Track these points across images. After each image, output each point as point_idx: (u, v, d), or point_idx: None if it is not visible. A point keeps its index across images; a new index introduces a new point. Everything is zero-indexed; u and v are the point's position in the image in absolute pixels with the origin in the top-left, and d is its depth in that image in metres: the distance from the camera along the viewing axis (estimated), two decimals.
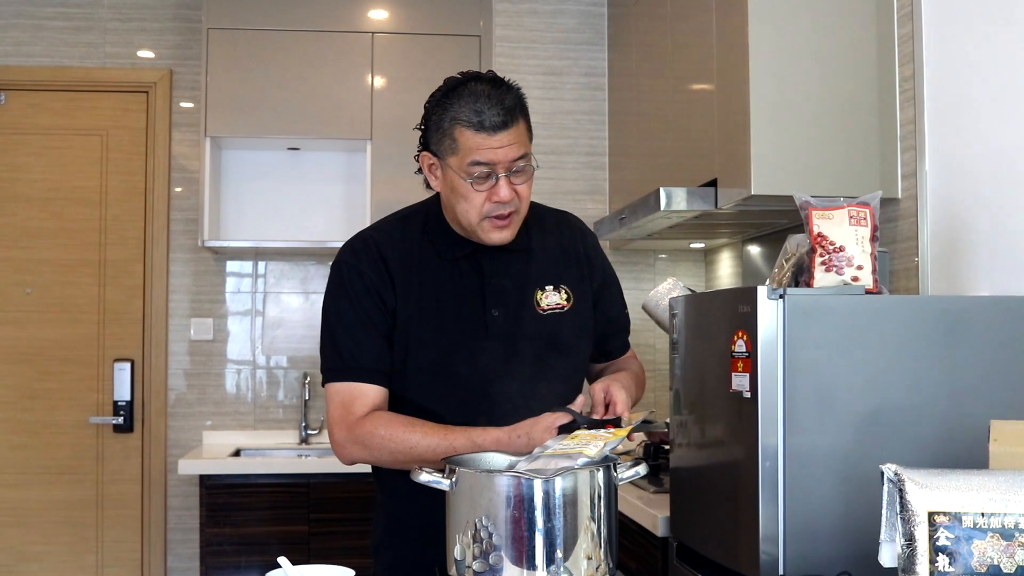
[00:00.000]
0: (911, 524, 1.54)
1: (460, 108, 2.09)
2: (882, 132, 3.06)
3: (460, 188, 2.12)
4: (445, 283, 2.22)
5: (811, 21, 3.08)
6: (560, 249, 2.32)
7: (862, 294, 2.27)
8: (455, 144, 2.11)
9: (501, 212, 2.12)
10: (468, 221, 2.15)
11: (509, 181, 2.11)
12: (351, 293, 2.21)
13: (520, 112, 2.14)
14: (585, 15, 5.02)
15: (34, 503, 4.88)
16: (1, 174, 4.94)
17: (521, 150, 2.11)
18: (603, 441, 1.81)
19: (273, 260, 5.07)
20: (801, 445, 2.20)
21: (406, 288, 2.20)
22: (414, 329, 2.18)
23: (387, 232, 2.29)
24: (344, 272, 2.23)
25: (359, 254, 2.25)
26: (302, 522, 4.33)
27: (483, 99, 2.08)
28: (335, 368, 2.21)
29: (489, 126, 2.06)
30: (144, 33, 5.01)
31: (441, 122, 2.13)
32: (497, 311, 2.19)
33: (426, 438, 2.07)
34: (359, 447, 2.15)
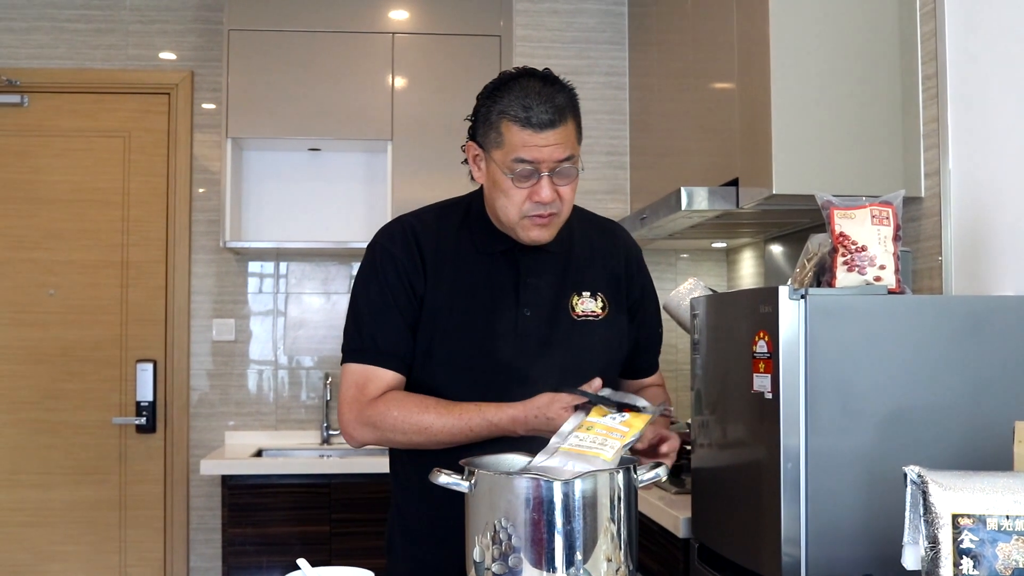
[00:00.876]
0: (935, 526, 1.53)
1: (509, 102, 2.06)
2: (905, 130, 3.04)
3: (502, 183, 2.09)
4: (479, 276, 2.19)
5: (833, 19, 3.06)
6: (601, 257, 2.29)
7: (885, 294, 2.26)
8: (500, 138, 2.07)
9: (541, 212, 2.09)
10: (507, 217, 2.12)
11: (551, 181, 2.07)
12: (381, 276, 2.19)
13: (570, 113, 2.09)
14: (605, 14, 5.01)
15: (57, 503, 4.90)
16: (24, 176, 4.97)
17: (567, 152, 2.06)
18: (619, 439, 1.80)
19: (294, 261, 5.08)
20: (823, 446, 2.19)
21: (438, 277, 2.18)
22: (442, 318, 2.16)
23: (426, 219, 2.27)
24: (377, 254, 2.22)
25: (394, 237, 2.23)
26: (323, 522, 4.34)
27: (533, 95, 2.05)
28: (354, 348, 2.20)
29: (536, 123, 2.03)
30: (166, 35, 5.03)
31: (489, 114, 2.10)
32: (529, 311, 2.17)
33: (440, 419, 2.06)
34: (369, 428, 2.14)
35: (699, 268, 5.01)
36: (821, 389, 2.19)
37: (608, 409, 1.88)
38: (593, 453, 1.77)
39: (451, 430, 2.05)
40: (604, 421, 1.85)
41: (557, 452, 1.80)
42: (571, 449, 1.80)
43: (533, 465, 1.79)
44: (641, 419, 1.86)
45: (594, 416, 1.87)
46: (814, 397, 2.19)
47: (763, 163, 3.07)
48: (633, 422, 1.85)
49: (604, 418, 1.86)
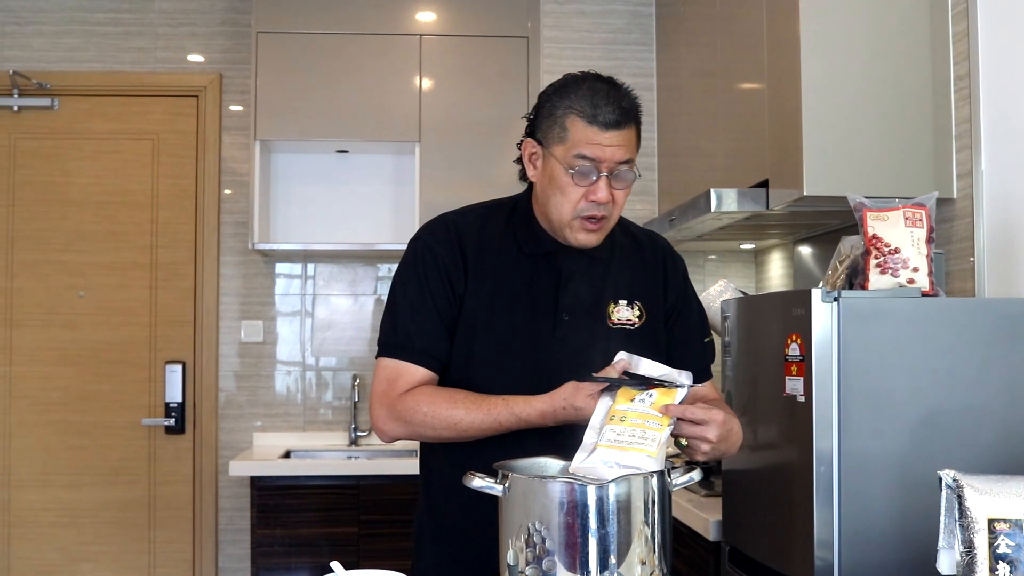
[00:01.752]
0: (970, 531, 1.52)
1: (577, 99, 2.07)
2: (937, 131, 3.02)
3: (559, 180, 2.09)
4: (521, 279, 2.18)
5: (863, 18, 3.04)
6: (641, 266, 2.27)
7: (918, 296, 2.25)
8: (564, 133, 2.07)
9: (594, 213, 2.08)
10: (559, 216, 2.11)
11: (609, 183, 2.07)
12: (420, 271, 2.19)
13: (634, 118, 2.10)
14: (633, 15, 5.00)
15: (87, 504, 4.93)
16: (54, 179, 5.00)
17: (627, 155, 2.07)
18: (658, 428, 1.77)
19: (322, 262, 5.10)
20: (856, 449, 2.18)
21: (479, 276, 2.17)
22: (482, 319, 2.16)
23: (469, 218, 2.26)
24: (418, 249, 2.22)
25: (436, 234, 2.23)
26: (352, 523, 4.34)
27: (601, 95, 2.06)
28: (388, 343, 2.19)
29: (603, 122, 2.04)
30: (194, 38, 5.06)
31: (555, 110, 2.10)
32: (568, 316, 2.15)
33: (469, 414, 2.05)
34: (400, 423, 2.13)
35: (727, 269, 5.00)
36: (854, 392, 2.18)
37: (634, 390, 1.84)
38: (636, 449, 1.74)
39: (480, 425, 2.04)
40: (635, 408, 1.81)
41: (596, 449, 1.78)
42: (610, 446, 1.77)
43: (574, 467, 1.77)
44: (670, 395, 1.82)
45: (622, 402, 1.83)
46: (847, 400, 2.18)
47: (793, 164, 3.06)
48: (660, 400, 1.81)
49: (633, 403, 1.81)
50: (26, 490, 4.92)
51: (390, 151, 5.02)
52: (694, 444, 1.86)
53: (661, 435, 1.77)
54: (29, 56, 4.99)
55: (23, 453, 4.93)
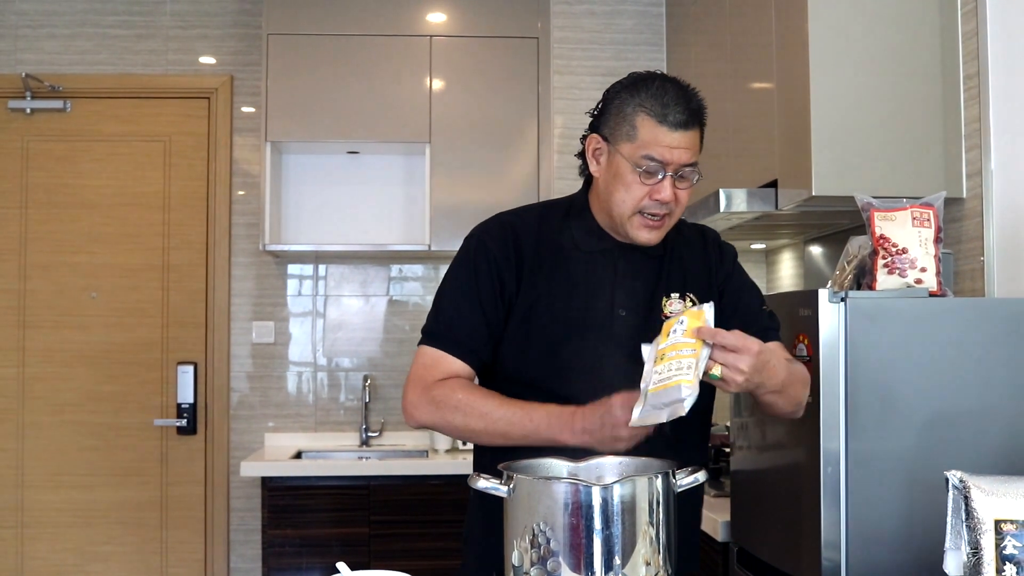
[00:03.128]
0: (977, 532, 1.51)
1: (648, 98, 2.09)
2: (946, 131, 3.01)
3: (625, 176, 2.10)
4: (577, 275, 2.18)
5: (873, 18, 3.04)
6: (691, 260, 2.26)
7: (926, 296, 2.24)
8: (634, 131, 2.09)
9: (656, 211, 2.10)
10: (621, 212, 2.12)
11: (673, 183, 2.09)
12: (471, 266, 2.20)
13: (699, 120, 2.13)
14: (643, 15, 4.99)
15: (100, 504, 4.95)
16: (67, 181, 5.02)
17: (693, 157, 2.10)
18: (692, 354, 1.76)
19: (333, 263, 5.11)
20: (864, 450, 2.18)
21: (535, 274, 2.18)
22: (537, 315, 2.16)
23: (526, 217, 2.28)
24: (472, 245, 2.23)
25: (491, 232, 2.24)
26: (363, 524, 4.35)
27: (671, 95, 2.09)
28: (431, 332, 2.20)
29: (672, 122, 2.06)
30: (205, 40, 5.07)
31: (624, 107, 2.11)
32: (624, 311, 2.15)
33: (502, 407, 2.06)
34: (431, 407, 2.13)
35: None
36: (861, 392, 2.18)
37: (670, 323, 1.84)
38: (674, 382, 1.75)
39: (510, 418, 2.05)
40: (670, 341, 1.81)
41: (647, 396, 1.79)
42: (656, 388, 1.78)
43: (634, 421, 1.82)
44: (698, 317, 1.81)
45: (662, 341, 1.84)
46: (854, 400, 2.17)
47: (802, 164, 3.06)
48: (691, 323, 1.80)
49: (669, 337, 1.82)
50: (39, 490, 4.94)
51: (401, 152, 5.02)
52: (727, 375, 1.81)
53: (695, 360, 1.77)
54: (41, 59, 5.01)
55: (36, 454, 4.95)
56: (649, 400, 1.79)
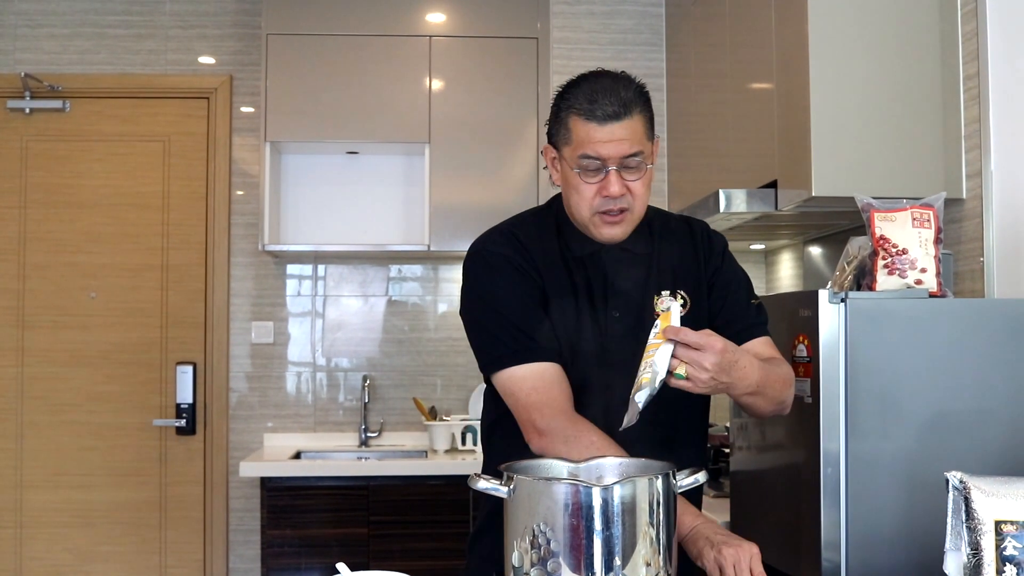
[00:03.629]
0: (977, 533, 1.51)
1: (575, 97, 2.07)
2: (946, 131, 3.01)
3: (572, 180, 2.09)
4: (572, 280, 2.18)
5: (872, 19, 3.04)
6: (680, 254, 2.25)
7: (926, 297, 2.24)
8: (568, 134, 2.08)
9: (610, 207, 2.07)
10: (580, 215, 2.12)
11: (620, 176, 2.05)
12: (504, 276, 2.15)
13: (638, 107, 2.07)
14: (642, 16, 4.99)
15: (99, 504, 4.95)
16: (66, 180, 5.02)
17: (634, 147, 2.05)
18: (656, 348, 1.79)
19: (332, 263, 5.10)
20: (864, 451, 2.17)
21: (545, 282, 2.16)
22: (559, 325, 2.14)
23: (523, 227, 2.25)
24: (490, 259, 2.18)
25: (500, 243, 2.20)
26: (362, 524, 4.35)
27: (599, 90, 2.05)
28: (508, 353, 2.10)
29: (601, 116, 2.02)
30: (205, 40, 5.07)
31: (559, 112, 2.11)
32: (618, 312, 2.14)
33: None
34: (562, 443, 2.00)
35: None
36: (861, 393, 2.18)
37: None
38: (647, 379, 1.78)
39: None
40: (650, 342, 1.82)
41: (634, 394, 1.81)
42: (638, 384, 1.80)
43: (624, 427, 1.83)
44: (666, 318, 1.81)
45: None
46: (854, 401, 2.17)
47: (802, 165, 3.06)
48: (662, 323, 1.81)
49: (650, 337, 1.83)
50: (38, 490, 4.94)
51: (400, 152, 5.02)
52: (692, 373, 1.80)
53: (658, 356, 1.78)
54: (40, 59, 5.01)
55: (35, 454, 4.95)
56: (636, 397, 1.80)
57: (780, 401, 2.07)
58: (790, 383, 2.10)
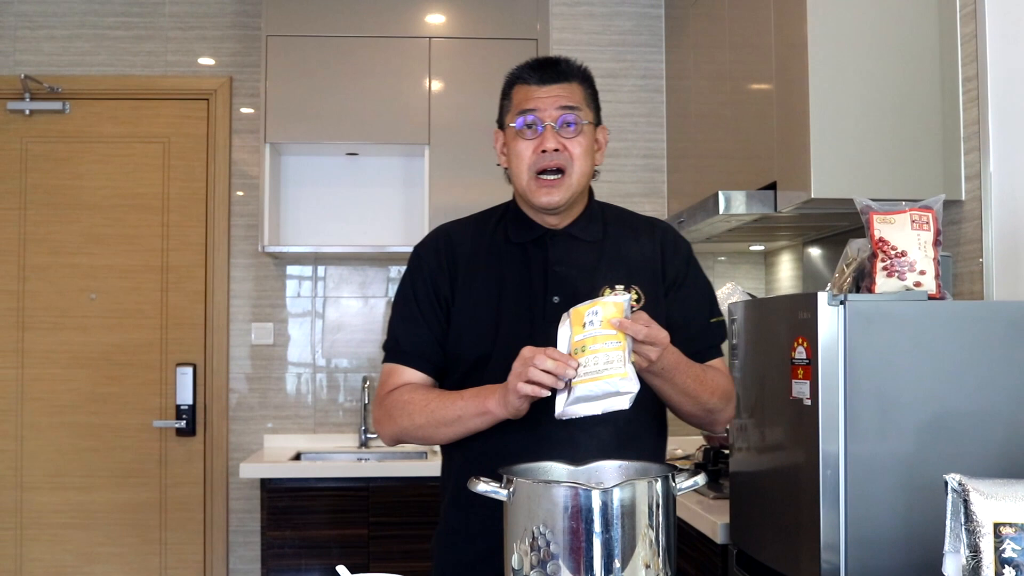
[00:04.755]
0: (976, 535, 1.52)
1: (520, 68, 2.22)
2: (945, 133, 3.01)
3: (515, 145, 2.17)
4: (510, 269, 2.22)
5: (871, 20, 3.04)
6: (638, 252, 2.26)
7: (925, 300, 2.24)
8: (510, 103, 2.21)
9: (546, 164, 2.13)
10: (521, 183, 2.18)
11: (556, 133, 2.13)
12: (409, 280, 2.28)
13: (577, 77, 2.21)
14: (642, 17, 5.00)
15: (99, 505, 4.95)
16: (65, 182, 5.02)
17: (570, 101, 2.16)
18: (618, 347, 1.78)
19: (332, 264, 5.11)
20: (863, 453, 2.18)
21: (471, 275, 2.22)
22: (471, 313, 2.20)
23: (463, 223, 2.35)
24: (412, 260, 2.32)
25: (426, 244, 2.32)
26: (362, 525, 4.35)
27: (543, 61, 2.21)
28: (385, 349, 2.28)
29: (539, 79, 2.17)
30: (204, 41, 5.07)
31: (504, 89, 2.25)
32: (558, 298, 2.15)
33: (439, 397, 2.11)
34: (387, 419, 2.19)
35: (737, 271, 4.99)
36: (860, 395, 2.18)
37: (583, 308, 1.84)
38: (607, 376, 1.77)
39: (444, 403, 2.09)
40: (589, 333, 1.81)
41: (572, 388, 1.80)
42: (584, 380, 1.79)
43: (559, 413, 1.83)
44: (617, 307, 1.82)
45: (577, 331, 1.83)
46: (853, 403, 2.18)
47: (801, 167, 3.06)
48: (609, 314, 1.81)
49: (585, 328, 1.82)
50: (38, 492, 4.94)
51: (400, 153, 5.03)
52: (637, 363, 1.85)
53: (623, 352, 1.79)
54: (40, 60, 5.01)
55: (35, 455, 4.95)
56: (576, 392, 1.80)
57: (709, 409, 2.14)
58: (728, 396, 2.18)
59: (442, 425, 2.10)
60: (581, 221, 2.26)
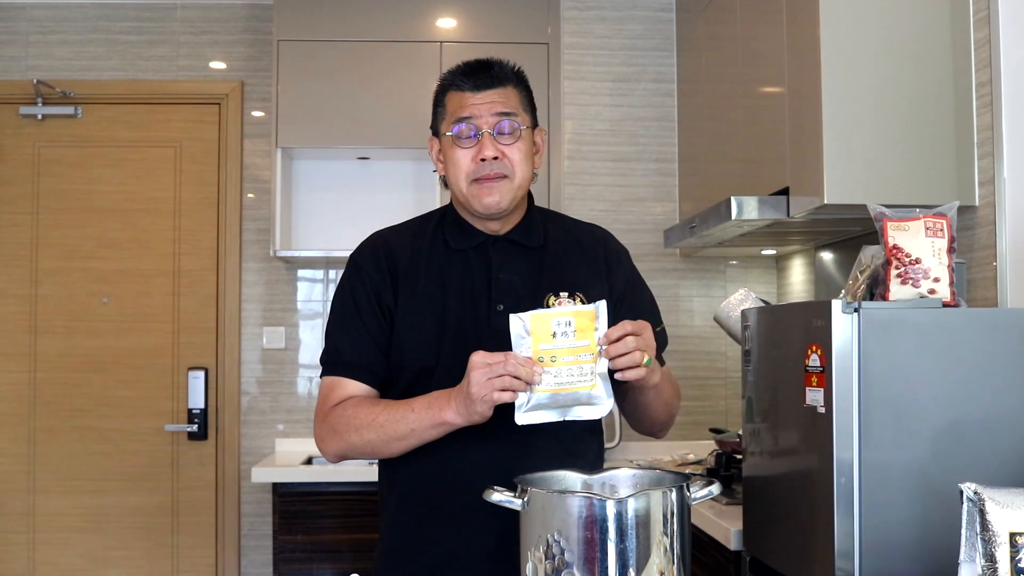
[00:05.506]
0: (992, 545, 1.51)
1: (451, 74, 2.17)
2: (958, 138, 3.00)
3: (451, 153, 2.13)
4: (451, 276, 2.18)
5: (884, 24, 3.03)
6: (581, 258, 2.25)
7: (939, 307, 2.24)
8: (444, 110, 2.17)
9: (487, 173, 2.10)
10: (459, 189, 2.14)
11: (494, 140, 2.10)
12: (348, 288, 2.21)
13: (512, 80, 2.17)
14: (653, 21, 4.99)
15: (111, 509, 4.96)
16: (78, 186, 5.03)
17: (505, 107, 2.12)
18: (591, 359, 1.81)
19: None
20: (877, 460, 2.17)
21: (411, 283, 2.17)
22: (413, 322, 2.15)
23: (400, 229, 2.30)
24: (349, 267, 2.25)
25: (365, 251, 2.26)
26: (373, 530, 4.30)
27: (474, 65, 2.15)
28: (323, 361, 2.21)
29: (472, 85, 2.12)
30: (216, 45, 5.08)
31: (437, 96, 2.20)
32: (503, 306, 2.12)
33: (387, 410, 2.04)
34: (332, 435, 2.12)
35: (748, 276, 4.98)
36: (875, 403, 2.17)
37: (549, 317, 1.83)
38: (578, 388, 1.81)
39: (395, 416, 2.02)
40: (561, 344, 1.82)
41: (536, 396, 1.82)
42: (551, 390, 1.81)
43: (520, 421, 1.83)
44: (588, 317, 1.83)
45: (543, 340, 1.82)
46: (868, 411, 2.17)
47: (814, 172, 3.05)
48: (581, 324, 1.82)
49: (556, 339, 1.82)
50: (50, 495, 4.96)
51: (411, 158, 5.02)
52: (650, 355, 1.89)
53: (596, 365, 1.82)
54: (53, 65, 5.02)
55: (47, 459, 4.97)
56: (539, 400, 1.82)
57: (673, 415, 2.25)
58: (679, 395, 2.30)
59: (393, 440, 2.04)
60: (522, 227, 2.23)
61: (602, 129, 4.85)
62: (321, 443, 2.17)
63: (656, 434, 2.32)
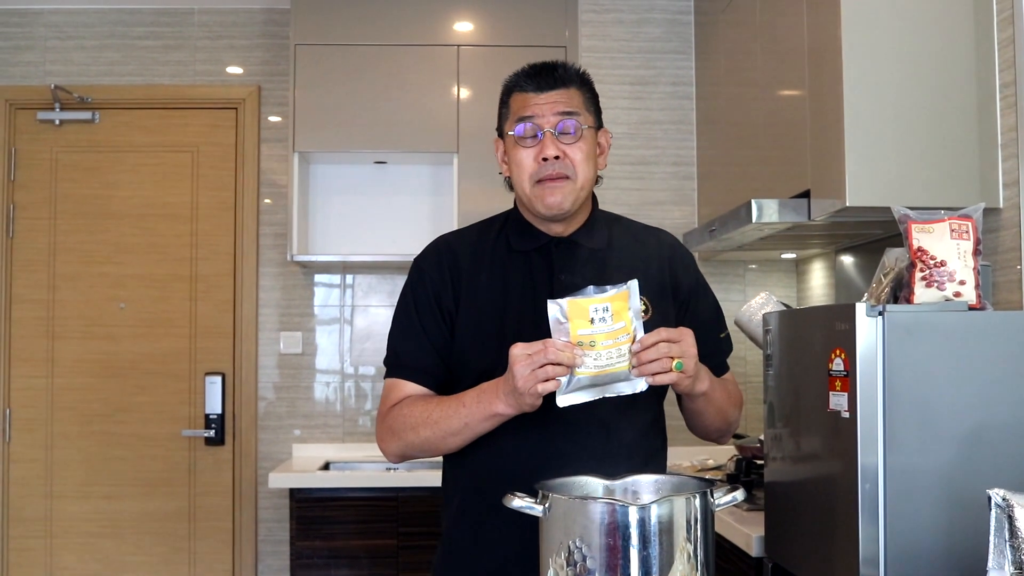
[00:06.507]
0: (1021, 551, 1.49)
1: (516, 76, 2.20)
2: (982, 139, 2.97)
3: (515, 154, 2.15)
4: (513, 278, 2.19)
5: (907, 25, 3.00)
6: (644, 261, 2.24)
7: (965, 310, 2.21)
8: (508, 111, 2.20)
9: (549, 173, 2.11)
10: (523, 191, 2.16)
11: (556, 140, 2.11)
12: (410, 292, 2.25)
13: (575, 81, 2.18)
14: (671, 23, 4.97)
15: (128, 514, 4.96)
16: (95, 191, 5.04)
17: (567, 106, 2.13)
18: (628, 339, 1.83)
19: (361, 273, 5.10)
20: (902, 465, 2.14)
21: (474, 286, 2.19)
22: (476, 324, 2.17)
23: (464, 233, 2.33)
24: (412, 271, 2.27)
25: (428, 255, 2.28)
26: (391, 536, 4.34)
27: (536, 67, 2.18)
28: (386, 364, 2.26)
29: (535, 86, 2.14)
30: (233, 50, 5.08)
31: (503, 97, 2.23)
32: None
33: (440, 406, 2.08)
34: (390, 436, 2.16)
35: (768, 279, 4.95)
36: (899, 407, 2.14)
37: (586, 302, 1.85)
38: (615, 368, 1.83)
39: (447, 412, 2.06)
40: (599, 329, 1.84)
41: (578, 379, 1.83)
42: (597, 372, 1.83)
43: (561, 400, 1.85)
44: (624, 298, 1.85)
45: (581, 326, 1.84)
46: (892, 416, 2.14)
47: (836, 174, 3.02)
48: (617, 307, 1.84)
49: (595, 324, 1.84)
50: (68, 500, 4.96)
51: (428, 162, 5.01)
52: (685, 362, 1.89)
53: (633, 344, 1.85)
54: (70, 70, 5.03)
55: (64, 464, 4.97)
56: (579, 382, 1.84)
57: (731, 422, 2.25)
58: (739, 403, 2.29)
59: (449, 435, 2.07)
60: (585, 228, 2.24)
61: (620, 132, 4.83)
62: (381, 443, 2.21)
63: (714, 439, 2.34)
